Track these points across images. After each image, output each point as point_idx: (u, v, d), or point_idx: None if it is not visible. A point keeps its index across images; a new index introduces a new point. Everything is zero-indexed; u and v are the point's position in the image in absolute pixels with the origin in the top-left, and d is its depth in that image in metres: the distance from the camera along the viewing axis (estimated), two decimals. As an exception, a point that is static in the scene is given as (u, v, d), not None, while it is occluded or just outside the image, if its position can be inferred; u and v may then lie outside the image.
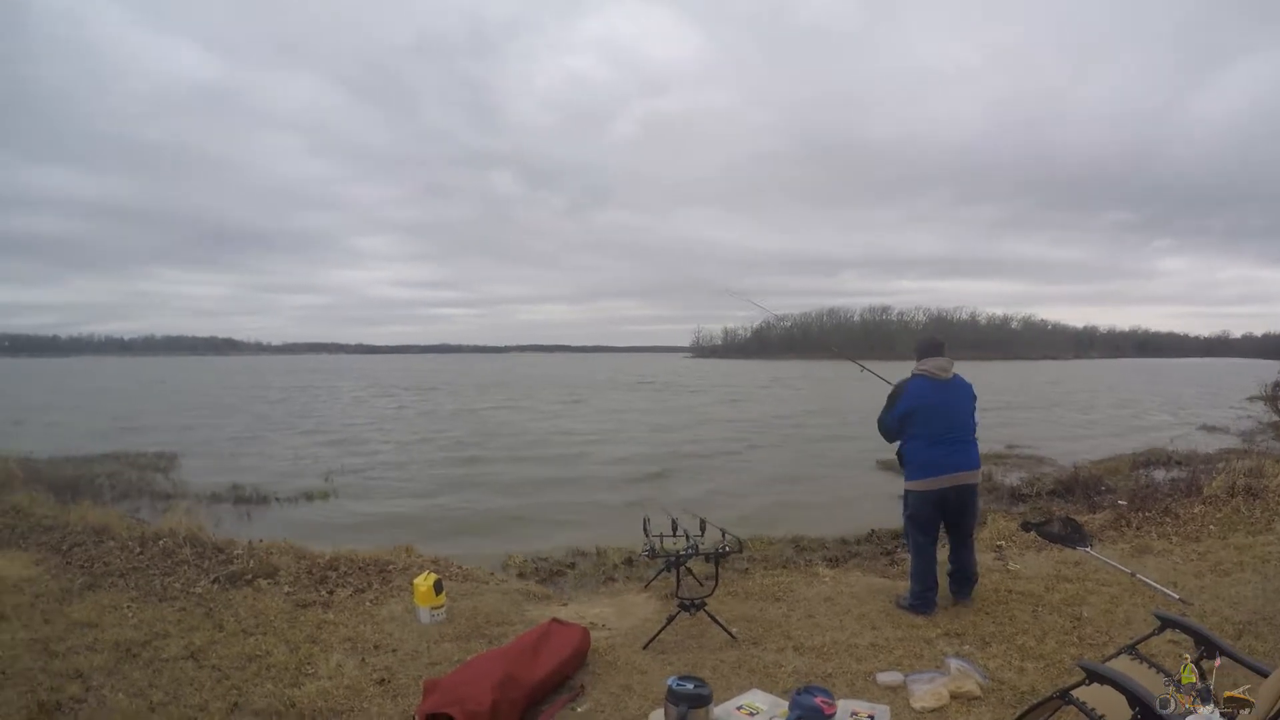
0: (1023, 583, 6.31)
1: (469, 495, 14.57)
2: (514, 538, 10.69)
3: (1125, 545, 7.51)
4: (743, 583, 6.54)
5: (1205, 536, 7.73)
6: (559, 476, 16.80)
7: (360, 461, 18.95)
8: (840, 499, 13.80)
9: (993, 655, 4.86)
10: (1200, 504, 8.95)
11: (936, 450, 5.61)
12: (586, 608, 5.99)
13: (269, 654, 4.95)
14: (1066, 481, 12.91)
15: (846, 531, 9.86)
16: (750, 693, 4.08)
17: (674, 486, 15.54)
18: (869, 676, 4.56)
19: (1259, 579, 6.39)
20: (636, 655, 4.94)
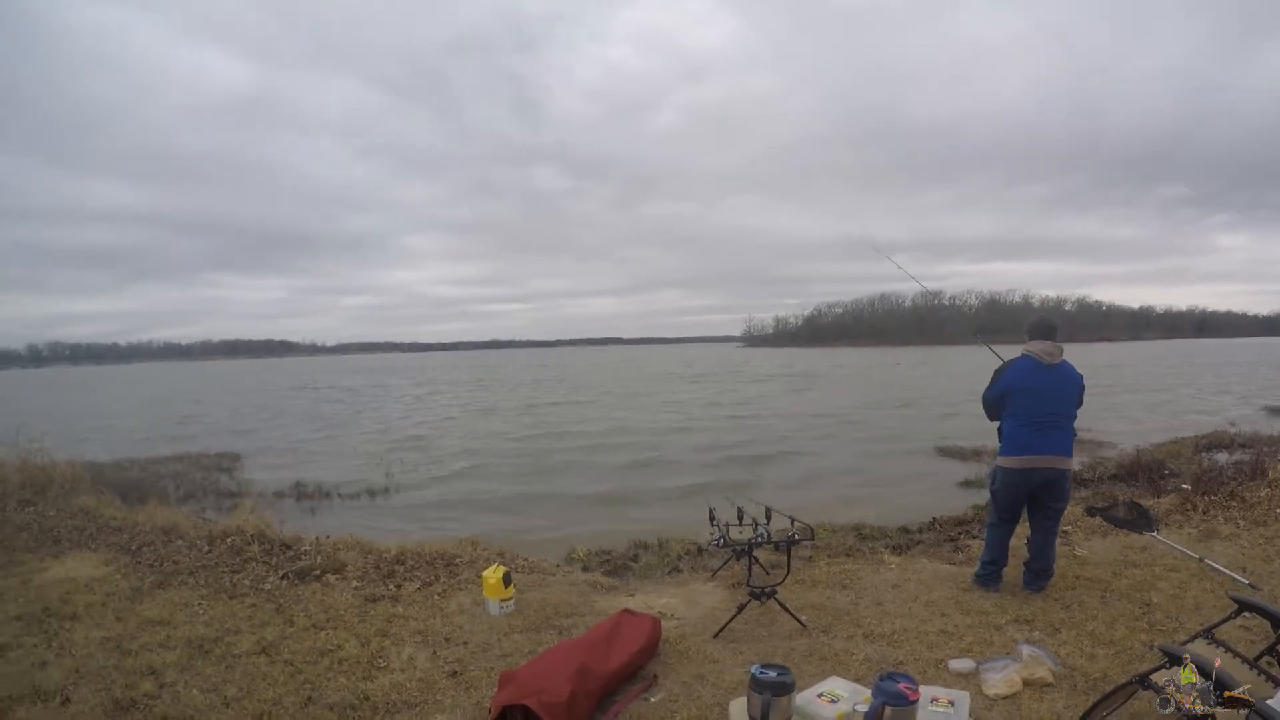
0: (1090, 568, 6.36)
1: (524, 489, 14.75)
2: (574, 529, 10.91)
3: (1191, 530, 7.53)
4: (809, 571, 6.62)
5: (1273, 520, 7.70)
6: (619, 471, 16.93)
7: (421, 458, 19.21)
8: (901, 487, 13.84)
9: (1063, 642, 4.93)
10: (1266, 487, 8.89)
11: (1029, 431, 5.68)
12: (654, 598, 6.08)
13: (340, 648, 5.10)
14: (1129, 465, 12.84)
15: (908, 519, 9.89)
16: (830, 680, 4.17)
17: (736, 475, 15.64)
18: (940, 663, 4.64)
19: (1332, 564, 6.38)
20: (707, 644, 5.04)
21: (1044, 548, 5.92)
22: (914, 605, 5.68)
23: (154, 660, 4.99)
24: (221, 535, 7.70)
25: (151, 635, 5.40)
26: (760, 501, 5.99)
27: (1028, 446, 5.68)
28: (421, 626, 5.48)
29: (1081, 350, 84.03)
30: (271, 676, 4.73)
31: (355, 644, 5.17)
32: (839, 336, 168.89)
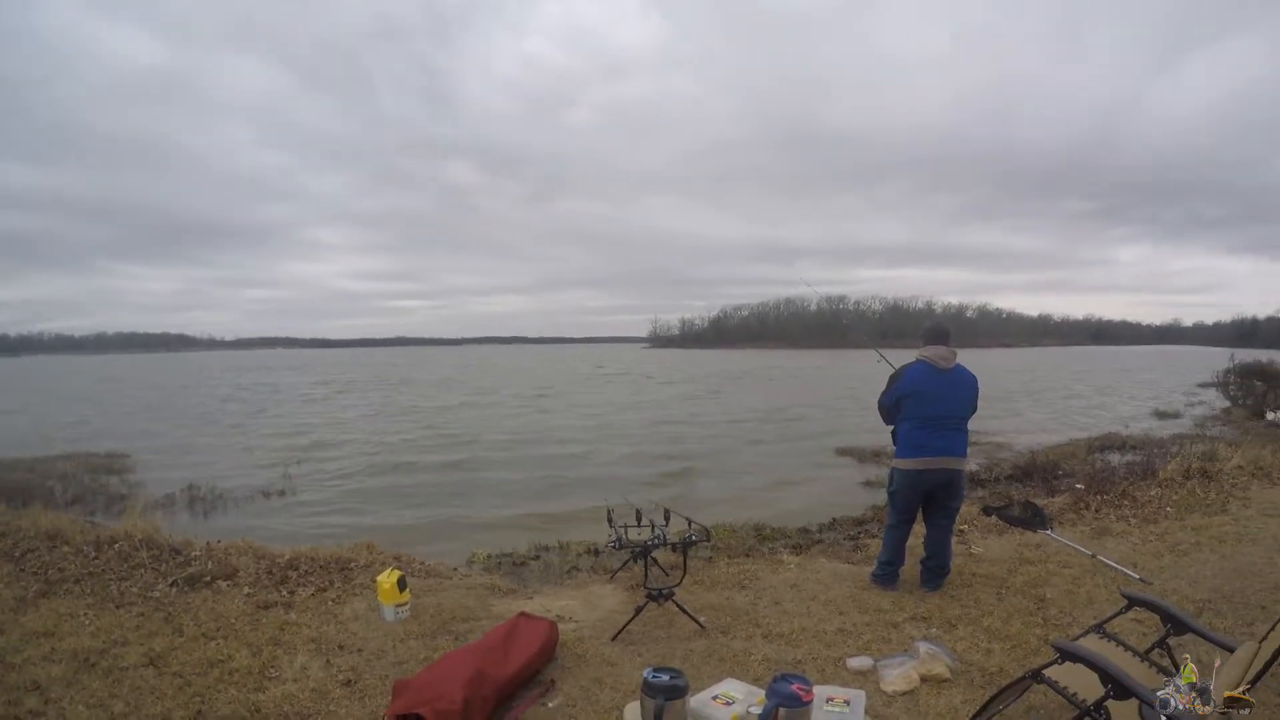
0: (986, 566, 6.52)
1: (425, 492, 14.50)
2: (474, 533, 10.72)
3: (1085, 527, 7.78)
4: (708, 572, 6.62)
5: (1162, 518, 8.03)
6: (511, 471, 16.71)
7: (318, 458, 18.77)
8: (802, 488, 14.00)
9: (960, 638, 5.01)
10: (1156, 487, 9.27)
11: (924, 433, 5.81)
12: (553, 601, 6.02)
13: (231, 658, 4.90)
14: (1024, 466, 13.27)
15: (809, 520, 10.01)
16: (725, 682, 4.14)
17: (636, 477, 15.59)
18: (839, 662, 4.67)
19: (1216, 558, 6.68)
20: (605, 647, 5.00)
21: (940, 546, 6.05)
22: (812, 604, 5.72)
23: (38, 675, 4.72)
24: (109, 540, 7.37)
25: (35, 648, 5.12)
26: (659, 503, 5.98)
27: (923, 448, 5.81)
28: (315, 634, 5.31)
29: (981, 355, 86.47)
30: (160, 690, 4.52)
31: (246, 653, 4.98)
32: (744, 339, 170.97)
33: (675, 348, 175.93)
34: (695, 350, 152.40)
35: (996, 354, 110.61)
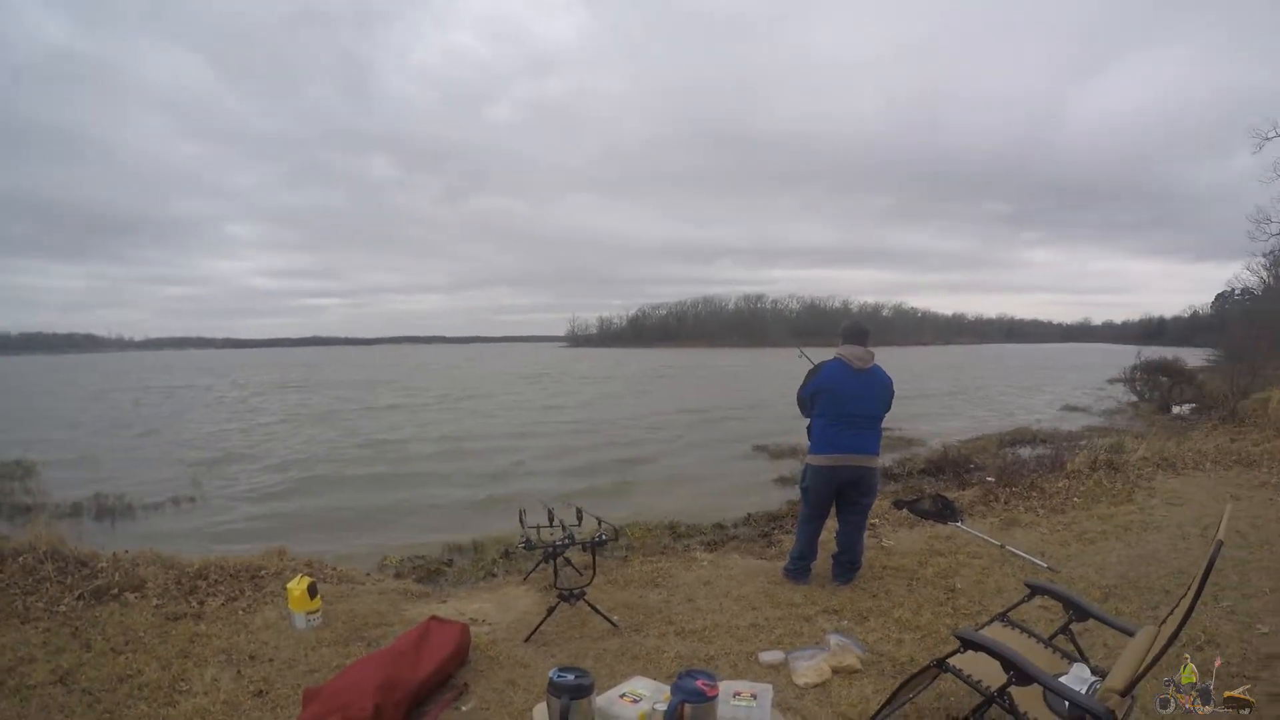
0: (897, 558, 6.62)
1: (341, 497, 14.24)
2: (389, 537, 10.56)
3: (994, 519, 7.95)
4: (622, 571, 6.62)
5: (1070, 508, 8.25)
6: (432, 474, 16.57)
7: (231, 464, 18.30)
8: (718, 484, 14.11)
9: (871, 629, 5.09)
10: (1064, 478, 9.53)
11: (837, 430, 5.90)
12: (466, 604, 5.96)
13: (140, 673, 4.75)
14: (937, 461, 13.53)
15: (724, 516, 10.08)
16: (633, 680, 4.12)
17: (550, 477, 15.56)
18: (751, 656, 4.70)
19: (1122, 546, 6.89)
20: (519, 649, 4.96)
21: (852, 541, 6.13)
22: (725, 600, 5.76)
23: (-56, 698, 4.54)
24: (13, 553, 7.04)
25: (-60, 670, 4.92)
26: (572, 503, 5.95)
27: (836, 445, 5.91)
28: (225, 645, 5.17)
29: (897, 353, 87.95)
30: (69, 707, 4.36)
31: (156, 667, 4.82)
32: (663, 338, 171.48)
33: (594, 346, 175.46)
34: (614, 349, 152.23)
35: (913, 351, 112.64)
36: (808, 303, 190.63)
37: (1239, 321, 41.95)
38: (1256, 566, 6.22)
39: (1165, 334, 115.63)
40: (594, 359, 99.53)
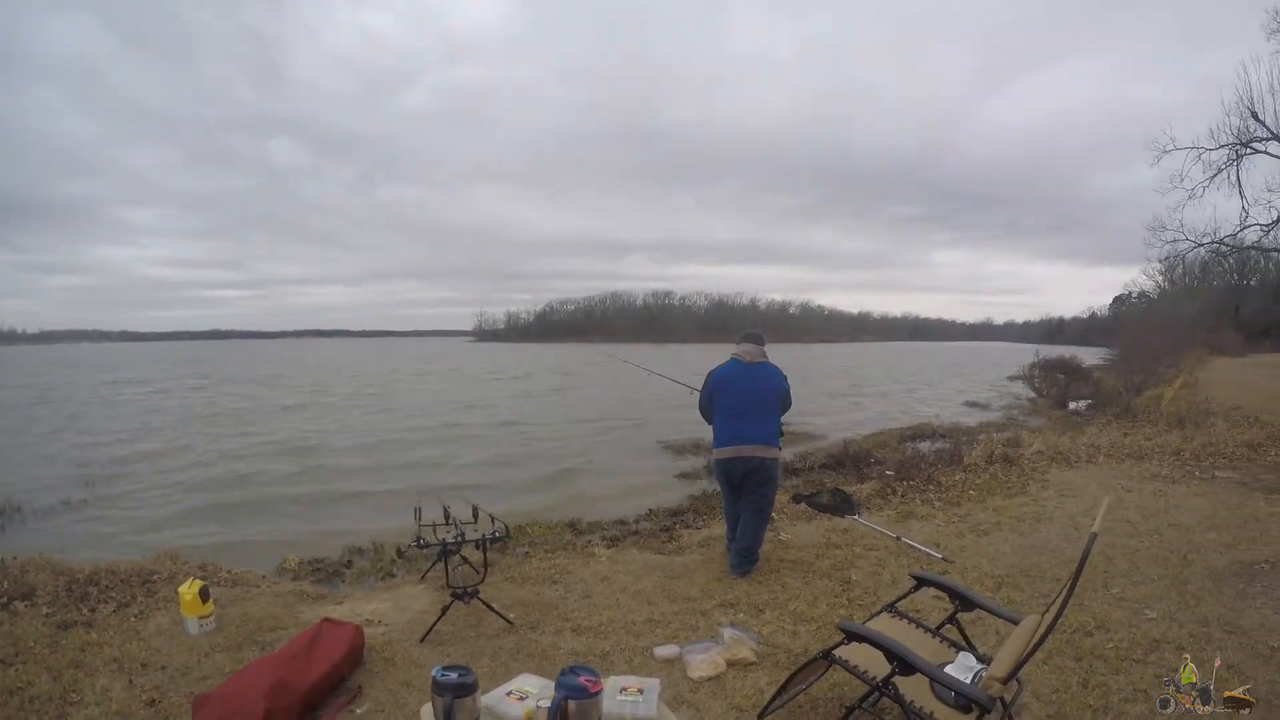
0: (794, 551, 6.71)
1: (241, 499, 13.77)
2: (290, 538, 10.30)
3: (891, 512, 8.10)
4: (520, 568, 6.59)
5: (965, 501, 8.45)
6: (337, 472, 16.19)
7: (127, 464, 17.56)
8: (623, 480, 14.06)
9: (766, 622, 5.14)
10: (961, 472, 9.76)
11: (733, 423, 6.19)
12: (363, 605, 5.88)
13: (31, 685, 4.55)
14: (838, 455, 13.72)
15: (627, 512, 10.12)
16: (520, 677, 4.08)
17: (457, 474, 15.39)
18: (646, 651, 4.70)
19: (1015, 536, 7.08)
20: (414, 649, 4.90)
21: (750, 532, 6.24)
22: (622, 596, 5.77)
23: None
24: None
25: None
26: (469, 500, 5.89)
27: (732, 437, 6.16)
28: (117, 653, 4.99)
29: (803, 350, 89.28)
30: None
31: (47, 678, 4.63)
32: (570, 333, 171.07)
33: (501, 341, 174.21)
34: (521, 344, 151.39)
35: (819, 349, 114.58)
36: (715, 300, 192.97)
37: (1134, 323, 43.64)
38: (1145, 554, 6.44)
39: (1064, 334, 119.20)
40: (502, 354, 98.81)
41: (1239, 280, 60.37)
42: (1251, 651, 4.59)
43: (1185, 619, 5.10)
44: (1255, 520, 7.48)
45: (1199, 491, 8.74)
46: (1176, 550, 6.56)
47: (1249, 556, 6.36)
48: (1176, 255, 22.03)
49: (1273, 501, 8.20)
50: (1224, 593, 5.57)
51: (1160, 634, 4.85)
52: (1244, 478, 9.48)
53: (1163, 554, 6.46)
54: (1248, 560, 6.27)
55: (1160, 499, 8.38)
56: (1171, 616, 5.14)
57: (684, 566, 6.46)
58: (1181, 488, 8.96)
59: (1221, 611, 5.21)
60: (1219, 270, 55.68)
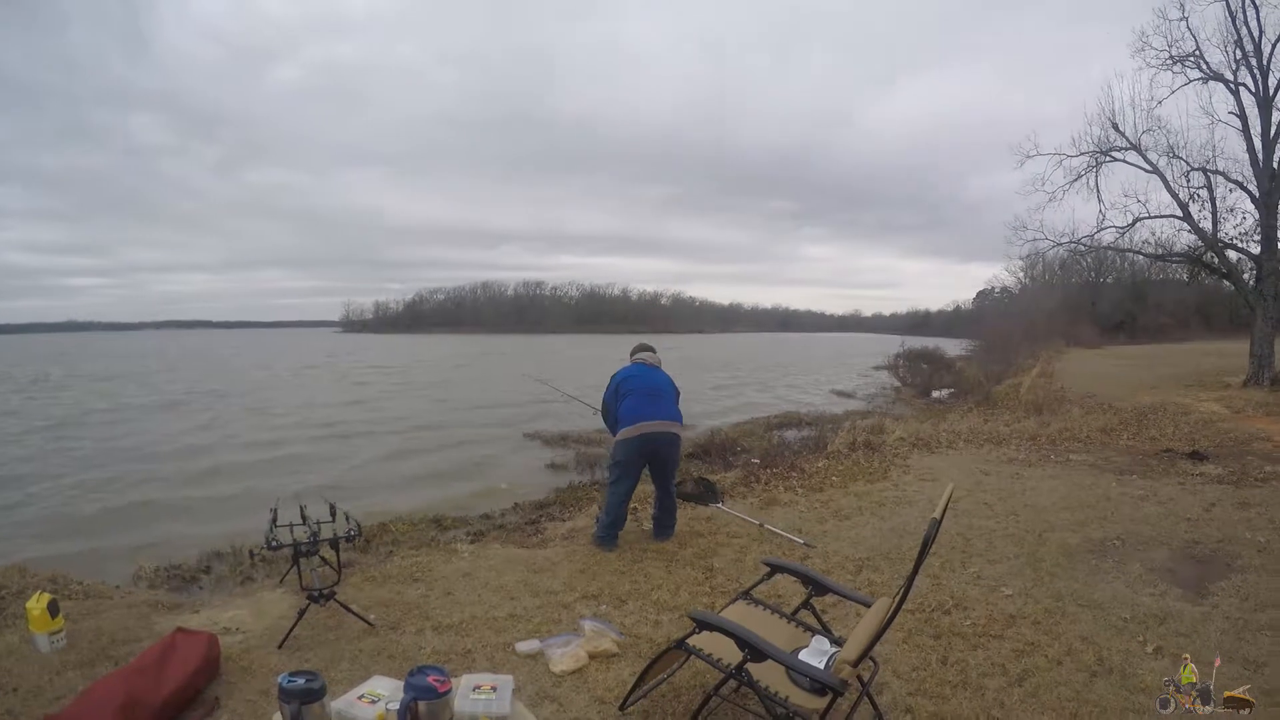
0: (658, 541, 6.74)
1: (99, 504, 13.00)
2: (143, 545, 9.80)
3: (755, 499, 8.21)
4: (381, 567, 6.43)
5: (828, 487, 8.61)
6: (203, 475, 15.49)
7: None
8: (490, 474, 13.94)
9: (629, 612, 5.12)
10: (824, 459, 9.99)
11: (644, 403, 6.61)
12: (219, 612, 5.61)
13: None
14: (704, 445, 13.84)
15: (493, 506, 10.03)
16: (373, 679, 3.97)
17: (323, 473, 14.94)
18: (508, 647, 4.63)
19: (876, 520, 7.26)
20: (273, 657, 4.70)
21: (669, 504, 6.90)
22: (484, 592, 5.67)
23: None
24: None
25: None
26: (329, 499, 5.71)
27: (650, 414, 6.57)
28: None
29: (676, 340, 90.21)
30: None
31: None
32: (440, 323, 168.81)
33: (370, 333, 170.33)
34: (391, 336, 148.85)
35: (691, 339, 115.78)
36: (587, 290, 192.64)
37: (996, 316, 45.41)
38: (1002, 534, 6.69)
39: (930, 326, 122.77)
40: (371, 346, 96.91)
41: (1096, 278, 63.83)
42: (1105, 624, 4.80)
43: (1040, 595, 5.29)
44: (1107, 500, 7.82)
45: (1054, 474, 9.11)
46: (1032, 530, 6.81)
47: (1101, 534, 6.65)
48: (1037, 254, 23.57)
49: (1124, 482, 8.60)
50: (1077, 569, 5.80)
51: (1016, 610, 5.02)
52: (1097, 460, 9.91)
53: (1019, 534, 6.71)
54: (1100, 538, 6.54)
55: (1017, 481, 8.70)
56: (1027, 593, 5.33)
57: (547, 560, 6.39)
58: (1038, 470, 9.32)
59: (1075, 587, 5.43)
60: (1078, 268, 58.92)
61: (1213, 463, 9.57)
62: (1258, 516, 7.17)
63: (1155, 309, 59.96)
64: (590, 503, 9.02)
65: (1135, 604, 5.10)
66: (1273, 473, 8.97)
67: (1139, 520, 7.09)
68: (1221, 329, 50.73)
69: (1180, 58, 19.13)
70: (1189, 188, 19.69)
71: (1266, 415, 13.82)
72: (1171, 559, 6.03)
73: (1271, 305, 18.51)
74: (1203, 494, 8.03)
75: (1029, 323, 41.33)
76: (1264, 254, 18.69)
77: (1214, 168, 19.25)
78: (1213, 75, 18.92)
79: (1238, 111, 18.69)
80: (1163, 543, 6.42)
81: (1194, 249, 21.30)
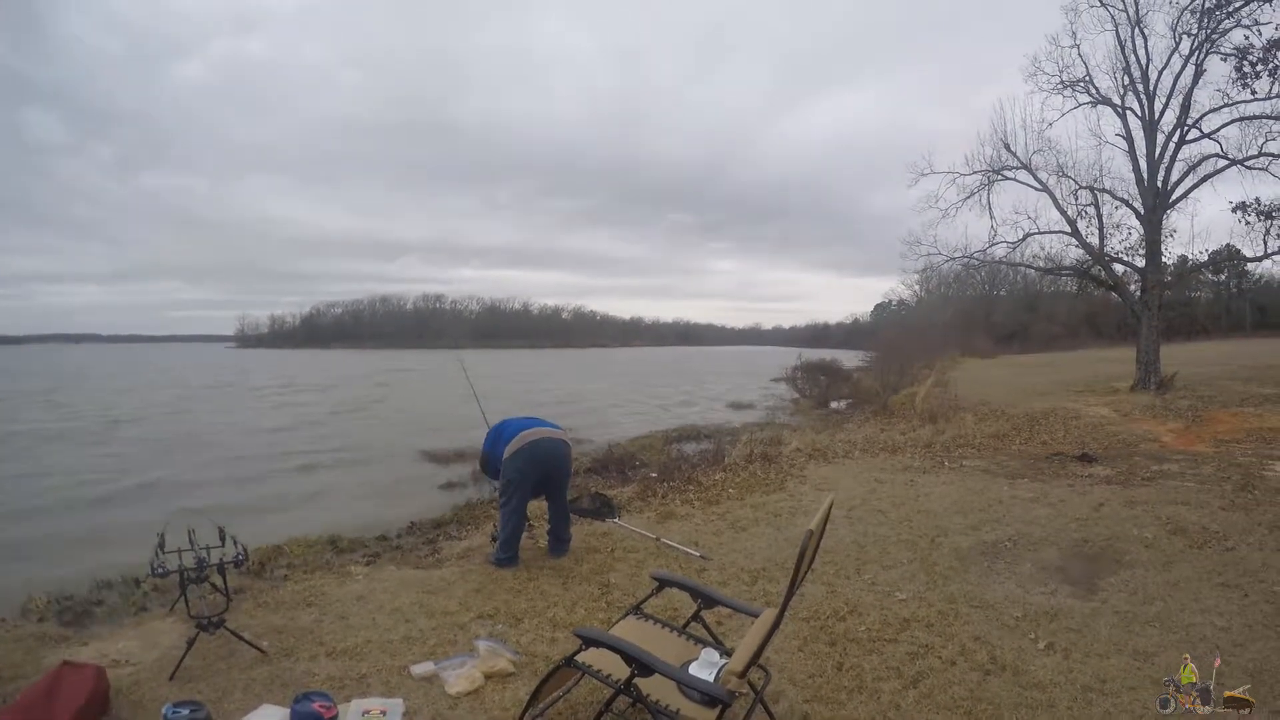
0: (553, 559, 6.73)
1: None
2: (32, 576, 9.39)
3: (651, 513, 8.25)
4: (273, 593, 6.28)
5: (725, 499, 8.70)
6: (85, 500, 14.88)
7: None
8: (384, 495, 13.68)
9: (525, 631, 5.10)
10: (721, 471, 10.06)
11: (527, 420, 6.75)
12: (109, 644, 5.40)
13: None
14: (603, 459, 13.83)
15: (388, 526, 9.94)
16: (260, 709, 3.91)
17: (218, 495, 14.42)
18: (403, 670, 4.57)
19: (772, 530, 7.35)
20: (164, 688, 4.53)
21: (564, 520, 6.92)
22: (379, 615, 5.60)
23: None
24: None
25: None
26: (216, 522, 5.56)
27: (528, 425, 6.65)
28: None
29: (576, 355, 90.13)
30: None
31: None
32: (338, 338, 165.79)
33: (265, 347, 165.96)
34: (286, 350, 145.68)
35: (592, 353, 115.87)
36: (488, 304, 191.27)
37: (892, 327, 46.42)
38: (896, 541, 6.83)
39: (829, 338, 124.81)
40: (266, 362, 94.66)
41: (990, 290, 65.90)
42: (998, 623, 4.94)
43: (934, 598, 5.41)
44: (999, 503, 8.05)
45: (948, 480, 9.33)
46: (925, 535, 6.97)
47: (993, 537, 6.83)
48: (931, 267, 24.25)
49: (1015, 486, 8.85)
50: (970, 571, 5.96)
51: (910, 614, 5.13)
52: (989, 465, 10.19)
53: (912, 539, 6.86)
54: (992, 540, 6.72)
55: (911, 488, 8.89)
56: (921, 596, 5.45)
57: (442, 580, 6.32)
58: (932, 477, 9.54)
59: (968, 589, 5.58)
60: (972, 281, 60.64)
61: (1102, 464, 9.92)
62: (1144, 514, 7.46)
63: (1047, 319, 62.29)
64: (487, 520, 8.91)
65: (1027, 602, 5.27)
66: (1159, 472, 9.35)
67: (1030, 522, 7.31)
68: (1110, 337, 52.78)
69: (1071, 83, 20.31)
70: (1077, 205, 20.80)
71: (1153, 418, 14.37)
72: (1062, 558, 6.23)
73: (1156, 314, 19.58)
74: (1092, 494, 8.31)
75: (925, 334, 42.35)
76: (1148, 267, 19.75)
77: (1100, 186, 20.39)
78: (1101, 100, 20.08)
79: (1124, 134, 19.81)
80: (1053, 543, 6.63)
81: (1082, 263, 22.49)
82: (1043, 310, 63.56)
